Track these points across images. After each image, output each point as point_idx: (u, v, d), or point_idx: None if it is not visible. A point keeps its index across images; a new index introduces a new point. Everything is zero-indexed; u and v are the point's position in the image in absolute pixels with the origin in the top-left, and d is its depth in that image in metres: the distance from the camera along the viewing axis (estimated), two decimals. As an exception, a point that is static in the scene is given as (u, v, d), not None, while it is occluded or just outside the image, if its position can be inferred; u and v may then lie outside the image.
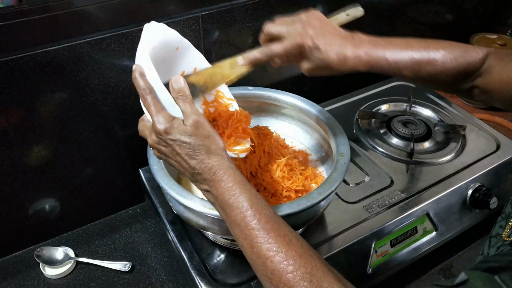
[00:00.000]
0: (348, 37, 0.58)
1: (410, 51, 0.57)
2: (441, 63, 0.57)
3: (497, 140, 0.94)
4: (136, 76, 0.55)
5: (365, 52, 0.56)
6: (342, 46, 0.56)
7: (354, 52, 0.56)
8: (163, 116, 0.53)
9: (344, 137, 0.73)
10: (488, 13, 1.34)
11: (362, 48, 0.57)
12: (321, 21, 0.60)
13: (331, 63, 0.56)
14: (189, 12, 0.79)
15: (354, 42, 0.57)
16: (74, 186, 0.85)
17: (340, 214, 0.77)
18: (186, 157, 0.52)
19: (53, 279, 0.80)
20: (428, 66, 0.57)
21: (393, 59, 0.57)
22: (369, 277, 0.75)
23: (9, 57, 0.66)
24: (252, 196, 0.50)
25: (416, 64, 0.57)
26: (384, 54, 0.57)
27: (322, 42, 0.56)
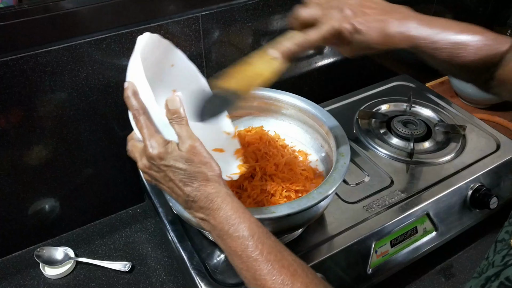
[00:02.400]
0: (392, 12, 0.53)
1: (450, 32, 0.53)
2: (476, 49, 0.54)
3: (497, 140, 0.94)
4: (128, 94, 0.51)
5: (409, 29, 0.52)
6: (384, 22, 0.51)
7: (397, 28, 0.51)
8: (157, 140, 0.50)
9: (344, 137, 0.73)
10: (488, 13, 1.34)
11: (406, 24, 0.52)
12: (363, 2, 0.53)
13: (373, 43, 0.52)
14: (189, 12, 0.79)
15: (397, 17, 0.52)
16: (74, 186, 0.85)
17: (340, 214, 0.77)
18: (180, 183, 0.49)
19: (53, 279, 0.80)
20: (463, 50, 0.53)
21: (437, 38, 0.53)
22: (369, 277, 0.75)
23: (9, 57, 0.66)
24: (252, 225, 0.48)
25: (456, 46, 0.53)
26: (428, 32, 0.52)
27: (362, 22, 0.51)
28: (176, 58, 0.62)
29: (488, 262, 0.53)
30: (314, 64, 1.06)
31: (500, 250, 0.53)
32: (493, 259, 0.52)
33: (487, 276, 0.47)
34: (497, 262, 0.50)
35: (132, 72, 0.52)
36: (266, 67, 0.53)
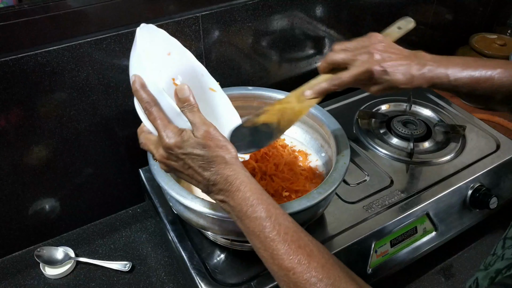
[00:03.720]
0: (412, 56, 0.60)
1: (469, 69, 0.59)
2: (498, 80, 0.58)
3: (497, 140, 0.94)
4: (137, 88, 0.52)
5: (429, 70, 0.59)
6: (407, 66, 0.59)
7: (419, 70, 0.58)
8: (172, 129, 0.51)
9: (344, 137, 0.73)
10: (488, 13, 1.34)
11: (425, 66, 0.59)
12: (384, 44, 0.61)
13: (399, 84, 0.59)
14: (189, 12, 0.79)
15: (418, 61, 0.59)
16: (74, 186, 0.85)
17: (340, 214, 0.77)
18: (200, 169, 0.50)
19: (53, 279, 0.80)
20: (485, 83, 0.58)
21: (454, 77, 0.59)
22: (369, 277, 0.75)
23: (9, 57, 0.66)
24: (270, 207, 0.49)
25: (475, 81, 0.59)
26: (446, 71, 0.59)
27: (389, 65, 0.58)
28: (172, 47, 0.62)
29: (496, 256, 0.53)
30: (314, 64, 1.06)
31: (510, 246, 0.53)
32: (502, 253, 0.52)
33: (497, 268, 0.47)
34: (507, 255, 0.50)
35: (135, 65, 0.53)
36: (304, 106, 0.63)
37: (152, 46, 0.59)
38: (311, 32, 1.00)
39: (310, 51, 1.03)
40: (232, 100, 0.83)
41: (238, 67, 0.93)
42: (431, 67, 0.59)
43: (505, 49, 1.20)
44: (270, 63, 0.99)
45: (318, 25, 1.00)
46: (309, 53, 1.04)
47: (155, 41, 0.59)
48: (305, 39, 1.00)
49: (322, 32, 1.02)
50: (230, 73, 0.93)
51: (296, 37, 0.98)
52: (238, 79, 0.95)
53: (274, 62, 0.99)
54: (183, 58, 0.64)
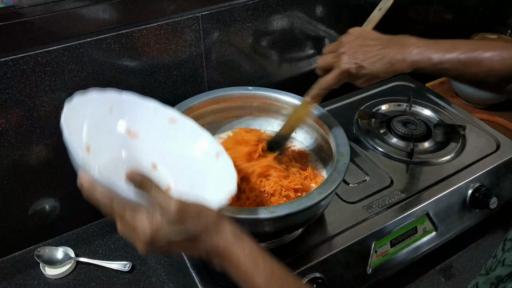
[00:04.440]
0: (391, 43, 0.61)
1: (456, 52, 0.59)
2: (488, 64, 0.58)
3: (497, 140, 0.94)
4: (88, 191, 0.46)
5: (410, 55, 0.59)
6: (386, 55, 0.60)
7: (398, 57, 0.60)
8: (140, 221, 0.45)
9: (344, 137, 0.73)
10: (488, 13, 1.34)
11: (407, 52, 0.60)
12: (361, 38, 0.63)
13: (379, 74, 0.61)
14: (189, 12, 0.79)
15: (397, 47, 0.60)
16: (74, 186, 0.85)
17: (340, 214, 0.77)
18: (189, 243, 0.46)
19: (53, 279, 0.80)
20: (474, 67, 0.58)
21: (438, 60, 0.59)
22: (369, 277, 0.75)
23: (9, 57, 0.66)
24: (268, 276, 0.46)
25: (462, 65, 0.59)
26: (430, 55, 0.59)
27: (365, 60, 0.60)
28: (110, 100, 0.56)
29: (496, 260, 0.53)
30: (314, 64, 1.06)
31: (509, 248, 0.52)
32: (502, 257, 0.52)
33: (498, 275, 0.47)
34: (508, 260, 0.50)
35: (75, 154, 0.46)
36: (304, 112, 0.72)
37: (88, 118, 0.52)
38: (311, 32, 1.00)
39: (310, 51, 1.03)
40: (232, 100, 0.84)
41: (238, 67, 0.93)
42: (414, 51, 0.60)
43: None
44: (270, 63, 0.99)
45: (318, 25, 1.00)
46: (309, 53, 1.04)
47: (88, 110, 0.53)
48: (305, 39, 1.00)
49: (322, 32, 1.02)
50: (230, 73, 0.93)
51: (296, 37, 0.98)
52: (238, 79, 0.95)
53: (274, 62, 0.99)
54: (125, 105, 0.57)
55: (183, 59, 0.84)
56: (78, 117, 0.51)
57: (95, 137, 0.53)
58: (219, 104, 0.84)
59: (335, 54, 0.64)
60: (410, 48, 0.60)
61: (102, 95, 0.55)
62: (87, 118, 0.52)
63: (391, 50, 0.60)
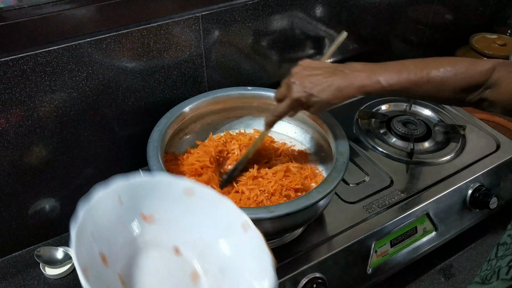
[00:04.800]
0: (338, 71, 0.63)
1: (405, 73, 0.60)
2: (440, 81, 0.58)
3: (497, 140, 0.94)
4: None
5: (357, 80, 0.61)
6: (333, 83, 0.62)
7: (345, 83, 0.61)
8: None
9: (343, 136, 0.73)
10: (488, 13, 1.34)
11: (353, 77, 0.61)
12: (308, 69, 0.65)
13: (329, 100, 0.62)
14: (189, 12, 0.80)
15: (344, 74, 0.62)
16: (74, 186, 0.85)
17: (340, 214, 0.77)
18: None
19: (53, 279, 0.80)
20: (426, 85, 0.59)
21: (388, 83, 0.60)
22: (369, 277, 0.75)
23: (9, 57, 0.66)
24: None
25: (413, 84, 0.59)
26: (377, 78, 0.60)
27: (314, 89, 0.62)
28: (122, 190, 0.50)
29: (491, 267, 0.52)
30: (314, 64, 1.06)
31: (503, 255, 0.52)
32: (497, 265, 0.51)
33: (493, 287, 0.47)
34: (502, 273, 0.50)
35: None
36: (258, 138, 0.76)
37: (97, 224, 0.47)
38: (311, 32, 1.00)
39: (310, 51, 1.03)
40: (232, 100, 0.84)
41: (238, 67, 0.93)
42: (360, 76, 0.61)
43: (505, 49, 1.20)
44: (270, 63, 0.99)
45: (318, 25, 1.00)
46: (309, 53, 1.04)
47: (95, 216, 0.47)
48: (305, 39, 1.00)
49: (322, 32, 1.02)
50: (230, 73, 0.93)
51: (296, 37, 0.98)
52: (238, 79, 0.95)
53: (274, 62, 0.99)
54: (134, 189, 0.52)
55: (183, 59, 0.84)
56: (86, 233, 0.45)
57: (109, 239, 0.48)
58: (219, 104, 0.84)
59: (286, 85, 0.67)
60: (356, 73, 0.61)
61: (106, 190, 0.50)
62: (96, 224, 0.47)
63: (337, 77, 0.62)
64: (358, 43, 1.11)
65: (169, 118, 0.76)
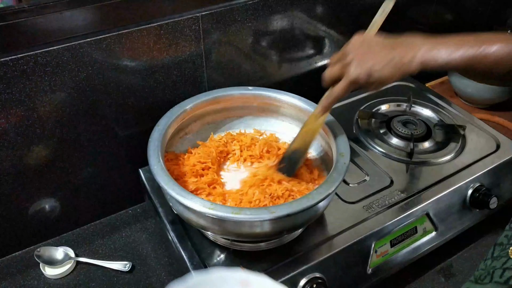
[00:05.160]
0: (397, 45, 0.61)
1: (463, 49, 0.59)
2: (495, 58, 0.58)
3: (497, 140, 0.94)
4: None
5: (417, 55, 0.59)
6: (392, 59, 0.59)
7: (406, 58, 0.59)
8: None
9: (344, 137, 0.73)
10: (488, 13, 1.34)
11: (413, 52, 0.59)
12: (365, 45, 0.62)
13: (387, 79, 0.60)
14: (189, 12, 0.79)
15: (404, 49, 0.60)
16: (74, 186, 0.85)
17: (340, 214, 0.77)
18: None
19: (53, 279, 0.80)
20: (481, 62, 0.58)
21: (448, 59, 0.59)
22: (369, 277, 0.75)
23: (9, 57, 0.66)
24: None
25: (471, 61, 0.58)
26: (438, 54, 0.59)
27: (374, 66, 0.59)
28: None
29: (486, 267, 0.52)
30: (314, 64, 1.06)
31: (498, 256, 0.52)
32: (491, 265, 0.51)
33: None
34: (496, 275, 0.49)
35: None
36: (316, 124, 0.71)
37: None
38: (311, 32, 1.00)
39: (310, 51, 1.03)
40: (232, 100, 0.84)
41: (238, 67, 0.93)
42: (421, 51, 0.59)
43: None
44: (270, 63, 0.99)
45: (318, 25, 1.00)
46: (309, 53, 1.04)
47: None
48: (305, 39, 1.00)
49: (322, 32, 1.02)
50: (230, 73, 0.93)
51: (296, 37, 0.98)
52: (238, 79, 0.95)
53: (274, 62, 0.99)
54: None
55: (183, 59, 0.84)
56: None
57: None
58: (219, 104, 0.84)
59: (341, 64, 0.62)
60: (416, 49, 0.60)
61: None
62: None
63: (398, 52, 0.60)
64: (358, 43, 1.11)
65: (169, 118, 0.76)
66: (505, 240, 0.54)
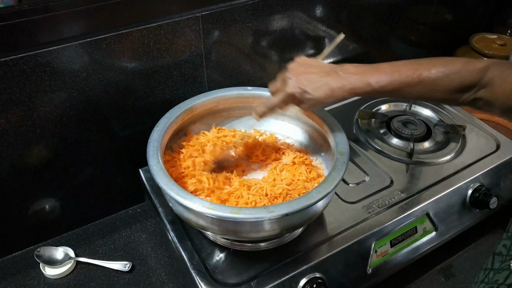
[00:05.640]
0: (332, 72, 0.64)
1: (396, 75, 0.61)
2: (432, 82, 0.59)
3: (497, 140, 0.94)
4: None
5: (348, 82, 0.62)
6: (326, 82, 0.63)
7: (337, 83, 0.63)
8: None
9: (343, 136, 0.73)
10: (488, 13, 1.34)
11: (346, 78, 0.63)
12: (305, 65, 0.66)
13: (321, 99, 0.63)
14: (189, 12, 0.80)
15: (337, 75, 0.63)
16: (74, 186, 0.85)
17: (340, 214, 0.77)
18: None
19: (53, 279, 0.80)
20: (418, 86, 0.60)
21: (378, 85, 0.61)
22: (369, 277, 0.75)
23: (9, 57, 0.66)
24: None
25: (405, 85, 0.61)
26: (368, 80, 0.62)
27: (308, 86, 0.63)
28: None
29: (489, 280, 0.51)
30: (314, 64, 1.06)
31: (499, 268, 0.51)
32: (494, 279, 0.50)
33: None
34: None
35: None
36: None
37: None
38: (311, 32, 1.00)
39: (310, 51, 1.03)
40: (232, 100, 0.84)
41: (238, 67, 0.93)
42: (351, 78, 0.62)
43: (505, 49, 1.20)
44: (270, 63, 0.99)
45: (318, 25, 1.00)
46: (309, 53, 1.04)
47: None
48: (305, 39, 1.00)
49: (322, 32, 1.02)
50: (230, 73, 0.93)
51: (296, 37, 0.98)
52: (238, 79, 0.95)
53: (274, 62, 0.99)
54: None
55: (183, 59, 0.84)
56: None
57: None
58: (219, 104, 0.84)
59: (282, 80, 0.67)
60: (348, 75, 0.63)
61: None
62: None
63: (331, 78, 0.63)
64: (358, 43, 1.11)
65: (169, 118, 0.76)
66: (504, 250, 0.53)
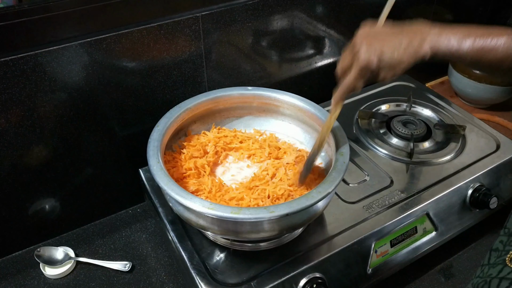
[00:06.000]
0: (403, 31, 0.59)
1: (470, 39, 0.57)
2: (503, 49, 0.57)
3: (497, 140, 0.94)
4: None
5: (428, 36, 0.58)
6: (400, 44, 0.58)
7: (417, 40, 0.58)
8: None
9: (343, 136, 0.73)
10: (488, 13, 1.34)
11: (419, 36, 0.58)
12: (372, 33, 0.61)
13: (398, 63, 0.58)
14: (189, 12, 0.80)
15: (409, 34, 0.58)
16: (74, 186, 0.85)
17: (340, 214, 0.77)
18: None
19: (53, 279, 0.80)
20: (489, 53, 0.57)
21: (453, 46, 0.57)
22: (369, 277, 0.75)
23: (9, 57, 0.66)
24: None
25: (478, 51, 0.57)
26: (444, 41, 0.58)
27: (384, 48, 0.58)
28: None
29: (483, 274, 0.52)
30: (314, 64, 1.06)
31: (494, 263, 0.51)
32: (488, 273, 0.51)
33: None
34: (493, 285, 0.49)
35: None
36: (330, 120, 0.70)
37: None
38: (311, 32, 1.00)
39: (310, 51, 1.03)
40: (232, 100, 0.84)
41: (238, 67, 0.93)
42: (430, 36, 0.58)
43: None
44: (270, 63, 0.99)
45: (318, 25, 1.00)
46: (309, 53, 1.04)
47: None
48: (305, 39, 1.00)
49: (322, 32, 1.02)
50: (230, 73, 0.93)
51: (296, 37, 0.98)
52: (238, 79, 0.95)
53: (274, 62, 0.99)
54: None
55: (183, 59, 0.84)
56: None
57: None
58: (219, 104, 0.84)
59: (351, 54, 0.60)
60: (425, 33, 0.58)
61: None
62: None
63: (406, 37, 0.58)
64: (358, 43, 1.11)
65: (169, 118, 0.76)
66: (501, 246, 0.53)
